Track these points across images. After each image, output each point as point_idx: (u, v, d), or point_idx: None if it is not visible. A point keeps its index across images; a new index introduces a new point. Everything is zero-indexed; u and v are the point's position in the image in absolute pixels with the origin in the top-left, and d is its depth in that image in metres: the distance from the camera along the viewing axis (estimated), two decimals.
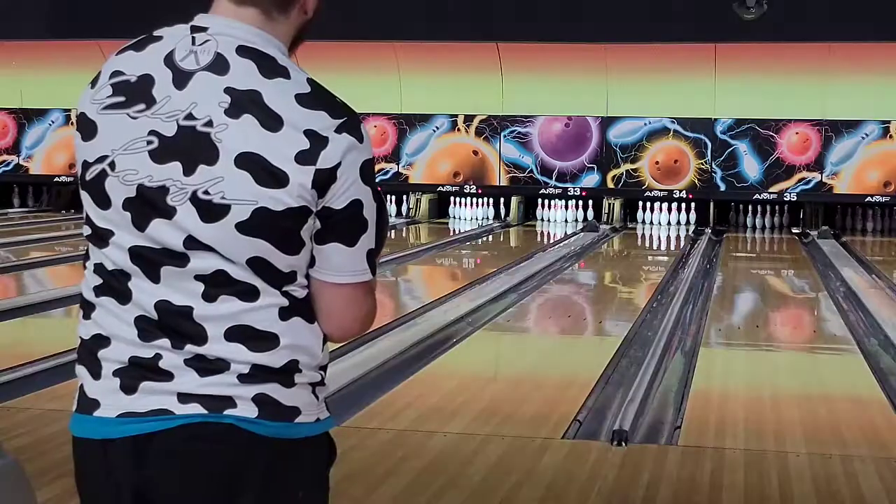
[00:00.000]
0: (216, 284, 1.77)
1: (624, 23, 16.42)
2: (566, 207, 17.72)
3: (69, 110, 18.87)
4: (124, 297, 1.80)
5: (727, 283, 11.27)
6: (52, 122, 18.99)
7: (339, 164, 1.76)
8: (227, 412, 1.77)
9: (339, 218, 1.79)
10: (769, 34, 16.03)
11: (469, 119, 17.62)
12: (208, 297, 1.77)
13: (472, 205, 17.77)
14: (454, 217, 17.71)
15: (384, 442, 4.71)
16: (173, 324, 1.78)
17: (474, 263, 13.46)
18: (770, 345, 7.98)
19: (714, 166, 17.17)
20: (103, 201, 1.80)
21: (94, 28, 17.84)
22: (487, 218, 17.66)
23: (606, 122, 17.42)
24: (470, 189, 17.59)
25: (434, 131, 17.76)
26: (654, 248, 16.07)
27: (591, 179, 17.52)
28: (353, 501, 4.01)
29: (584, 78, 17.24)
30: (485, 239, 15.77)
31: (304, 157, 1.74)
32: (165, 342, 1.79)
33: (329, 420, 1.90)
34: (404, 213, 17.64)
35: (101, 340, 1.83)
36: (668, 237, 16.56)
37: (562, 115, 17.41)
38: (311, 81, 1.84)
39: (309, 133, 1.75)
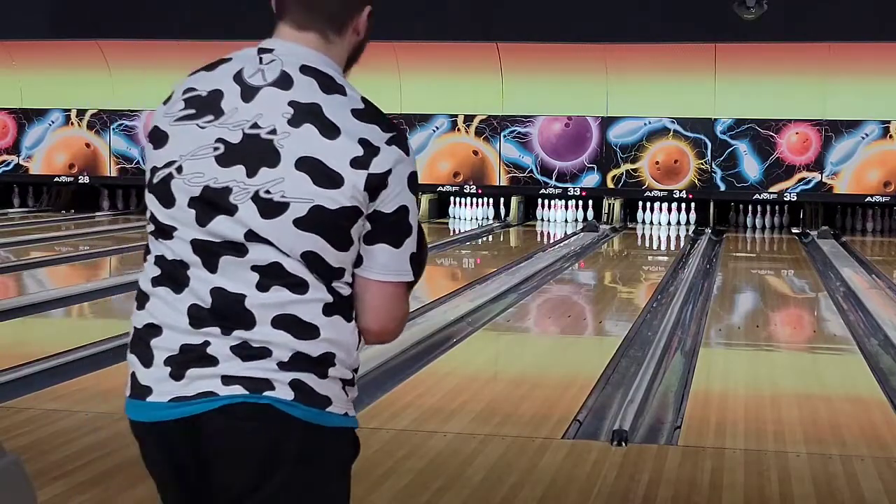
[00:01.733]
0: (270, 275, 1.95)
1: (624, 23, 16.42)
2: (566, 207, 17.72)
3: (69, 110, 18.87)
4: (181, 285, 1.98)
5: (727, 283, 11.27)
6: (52, 122, 18.98)
7: (389, 172, 1.97)
8: (266, 393, 1.95)
9: (388, 221, 1.99)
10: (769, 34, 16.03)
11: (469, 119, 17.62)
12: (261, 286, 1.95)
13: (472, 205, 17.77)
14: (454, 217, 17.72)
15: (384, 442, 4.71)
16: (225, 310, 1.95)
17: (474, 263, 13.46)
18: (770, 345, 7.98)
19: (714, 166, 17.18)
20: (168, 201, 1.99)
21: (94, 28, 17.86)
22: (487, 218, 17.67)
23: (606, 122, 17.42)
24: (470, 189, 17.59)
25: (434, 131, 17.76)
26: (654, 248, 16.07)
27: (591, 179, 17.52)
28: (353, 501, 4.01)
29: (584, 78, 17.24)
30: (485, 239, 15.77)
31: (357, 163, 1.95)
32: (215, 329, 1.96)
33: (354, 420, 2.09)
34: None
35: (153, 329, 2.01)
36: (668, 237, 16.56)
37: (562, 115, 17.41)
38: (364, 99, 2.07)
39: (363, 142, 1.97)
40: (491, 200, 17.81)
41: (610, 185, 17.50)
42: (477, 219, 17.60)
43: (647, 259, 14.96)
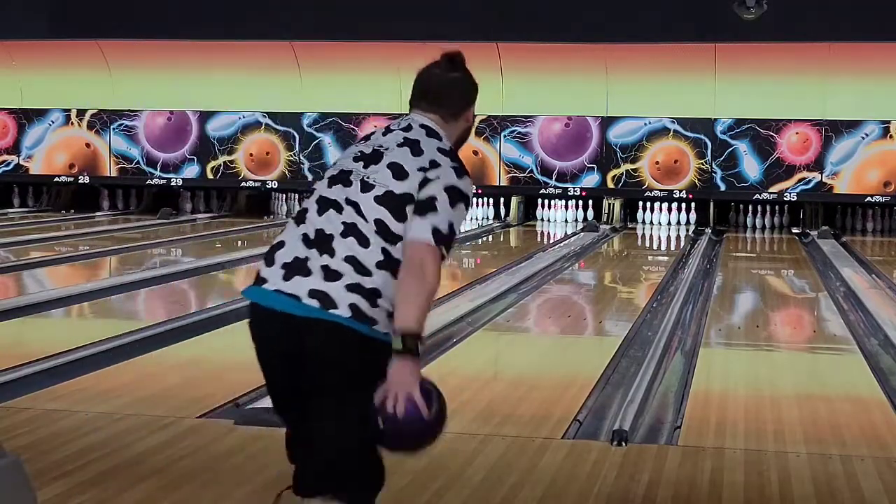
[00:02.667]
0: (349, 228, 2.97)
1: (624, 23, 16.42)
2: (566, 207, 17.72)
3: (69, 110, 18.87)
4: (301, 222, 3.03)
5: (727, 283, 11.27)
6: (52, 122, 18.98)
7: (437, 178, 3.01)
8: (331, 311, 2.89)
9: (421, 200, 2.98)
10: (769, 34, 16.03)
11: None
12: (343, 234, 2.96)
13: (472, 205, 17.75)
14: None
15: None
16: (320, 242, 2.96)
17: (474, 263, 13.45)
18: (770, 345, 7.98)
19: (714, 166, 17.17)
20: (320, 178, 3.17)
21: (94, 28, 17.85)
22: (487, 218, 17.67)
23: (606, 122, 17.42)
24: None
25: None
26: (654, 248, 16.06)
27: (591, 179, 17.52)
28: None
29: (584, 78, 17.24)
30: (485, 239, 15.77)
31: (421, 169, 3.02)
32: (315, 252, 2.96)
33: (390, 337, 2.91)
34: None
35: (280, 245, 3.03)
36: (668, 237, 16.56)
37: (562, 116, 17.41)
38: (453, 149, 3.14)
39: (432, 161, 3.05)
40: (491, 200, 17.81)
41: (610, 185, 17.50)
42: (477, 219, 17.60)
43: (647, 259, 14.96)
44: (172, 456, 4.56)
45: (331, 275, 2.91)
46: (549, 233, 16.68)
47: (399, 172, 3.01)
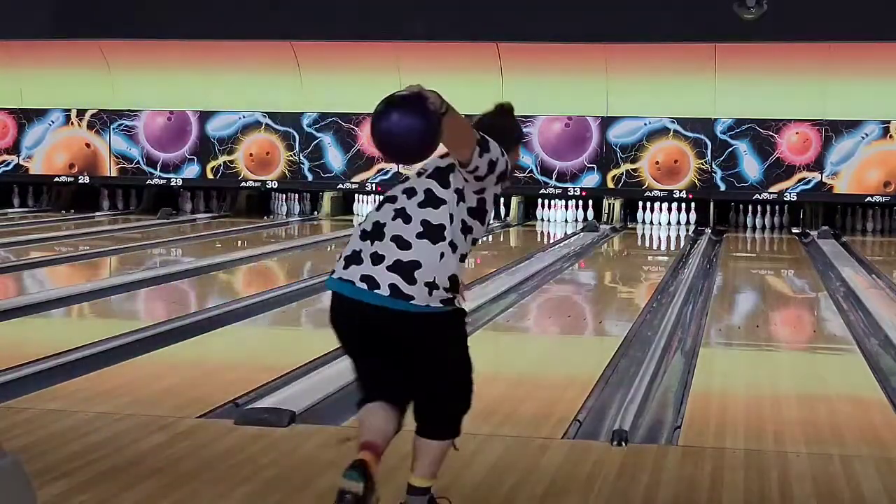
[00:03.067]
0: (398, 214, 3.54)
1: (624, 23, 16.42)
2: (566, 207, 17.73)
3: (69, 110, 18.88)
4: (365, 222, 3.58)
5: (727, 283, 11.27)
6: (52, 122, 18.98)
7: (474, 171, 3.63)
8: (396, 298, 3.43)
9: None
10: (769, 34, 16.03)
11: (469, 119, 17.59)
12: (402, 231, 3.51)
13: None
14: None
15: None
16: (381, 238, 3.50)
17: (474, 263, 13.46)
18: (770, 345, 7.98)
19: (714, 166, 17.18)
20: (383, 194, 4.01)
21: (94, 28, 17.85)
22: None
23: (606, 122, 17.42)
24: None
25: None
26: (654, 248, 16.07)
27: (591, 179, 17.52)
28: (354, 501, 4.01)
29: (584, 78, 17.24)
30: (485, 239, 15.77)
31: (464, 178, 3.60)
32: (374, 248, 3.49)
33: (462, 308, 3.62)
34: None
35: (347, 245, 3.57)
36: (668, 237, 16.56)
37: (562, 116, 17.41)
38: None
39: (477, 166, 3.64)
40: None
41: (610, 185, 17.50)
42: None
43: (647, 259, 14.97)
44: (172, 456, 4.56)
45: (393, 268, 3.47)
46: (549, 233, 16.68)
47: (445, 182, 3.58)
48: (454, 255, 3.52)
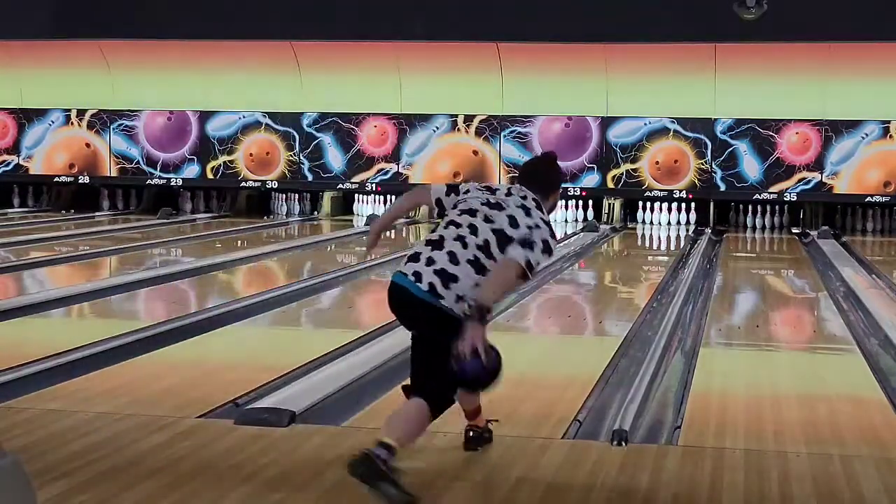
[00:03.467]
0: (459, 238, 4.33)
1: (624, 23, 16.42)
2: (566, 207, 17.72)
3: (69, 110, 18.88)
4: (433, 231, 4.43)
5: (727, 283, 11.27)
6: (52, 122, 18.99)
7: (538, 234, 4.33)
8: (433, 298, 4.22)
9: (524, 241, 4.32)
10: (769, 34, 16.03)
11: (469, 119, 17.63)
12: (454, 240, 4.32)
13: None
14: None
15: None
16: (435, 244, 4.34)
17: None
18: (770, 345, 7.98)
19: (714, 166, 17.18)
20: (454, 208, 4.48)
21: (94, 28, 17.85)
22: None
23: (606, 122, 17.42)
24: None
25: (434, 131, 17.77)
26: (654, 248, 16.07)
27: (591, 179, 17.52)
28: (354, 501, 4.02)
29: (584, 78, 17.24)
30: None
31: (528, 227, 4.33)
32: (428, 248, 4.33)
33: (454, 311, 4.27)
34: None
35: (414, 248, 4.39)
36: (668, 237, 16.56)
37: (562, 116, 17.41)
38: (548, 221, 4.46)
39: (536, 224, 4.36)
40: None
41: (610, 185, 17.51)
42: None
43: (647, 259, 14.97)
44: (172, 456, 4.56)
45: (437, 272, 4.24)
46: None
47: (513, 223, 4.33)
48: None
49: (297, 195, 18.78)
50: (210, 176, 18.56)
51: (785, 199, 17.09)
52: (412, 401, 4.28)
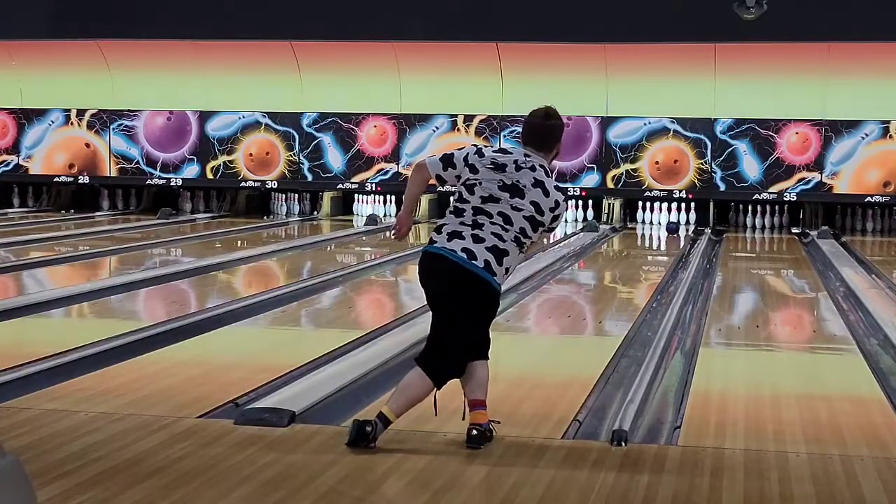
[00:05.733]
0: (496, 225, 4.73)
1: (624, 23, 16.42)
2: (566, 207, 17.70)
3: (69, 110, 18.88)
4: (460, 216, 4.76)
5: (727, 283, 11.27)
6: (52, 122, 18.99)
7: (554, 209, 4.84)
8: (471, 262, 4.64)
9: (552, 225, 4.91)
10: (769, 34, 16.03)
11: (469, 119, 17.63)
12: (491, 223, 4.73)
13: None
14: None
15: (384, 442, 4.71)
16: (474, 226, 4.72)
17: None
18: (770, 345, 7.98)
19: (714, 166, 17.18)
20: (470, 193, 4.78)
21: (94, 28, 17.86)
22: None
23: (606, 122, 17.42)
24: None
25: (434, 131, 17.77)
26: (654, 248, 16.07)
27: (591, 179, 17.53)
28: (353, 501, 4.02)
29: (584, 78, 17.24)
30: None
31: (551, 209, 4.81)
32: (468, 229, 4.71)
33: (500, 286, 4.77)
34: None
35: (443, 226, 4.76)
36: (668, 237, 16.56)
37: (562, 116, 17.37)
38: (559, 187, 4.92)
39: (556, 201, 4.83)
40: None
41: (610, 185, 17.51)
42: None
43: (647, 259, 14.97)
44: (172, 456, 4.56)
45: (478, 241, 4.65)
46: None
47: (538, 210, 4.76)
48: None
49: (296, 195, 18.78)
50: (210, 176, 18.57)
51: (785, 199, 17.09)
52: (416, 371, 4.72)
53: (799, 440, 5.11)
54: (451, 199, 4.88)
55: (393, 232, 5.05)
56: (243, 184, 18.46)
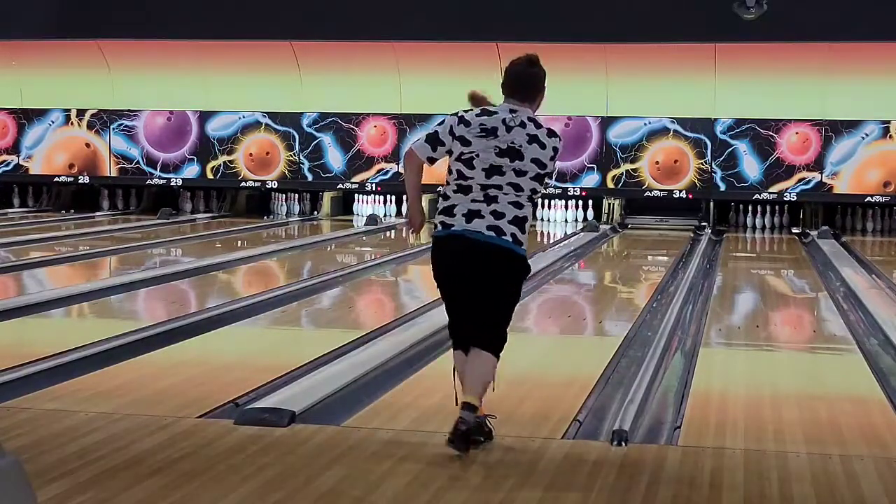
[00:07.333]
0: (509, 198, 4.71)
1: (624, 23, 16.42)
2: (566, 207, 17.73)
3: (69, 110, 18.88)
4: (467, 194, 4.71)
5: (727, 283, 11.27)
6: (52, 122, 18.99)
7: (553, 156, 4.79)
8: (499, 237, 4.66)
9: (552, 171, 4.90)
10: (769, 34, 16.03)
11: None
12: (505, 196, 4.71)
13: None
14: None
15: (384, 442, 4.71)
16: (489, 200, 4.69)
17: None
18: (770, 345, 7.98)
19: (714, 166, 17.18)
20: (470, 168, 4.70)
21: (94, 28, 17.86)
22: None
23: (606, 122, 17.42)
24: None
25: None
26: (654, 248, 16.06)
27: (591, 179, 17.53)
28: (353, 501, 4.02)
29: (584, 78, 17.24)
30: None
31: (551, 158, 4.77)
32: (484, 205, 4.68)
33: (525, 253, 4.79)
34: (404, 214, 17.63)
35: (454, 206, 4.71)
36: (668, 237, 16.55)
37: (562, 116, 17.41)
38: (547, 127, 4.81)
39: (554, 148, 4.78)
40: None
41: (610, 185, 17.51)
42: None
43: (647, 259, 14.97)
44: (172, 456, 4.56)
45: (497, 215, 4.64)
46: (549, 233, 16.68)
47: (540, 165, 4.71)
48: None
49: (296, 195, 18.78)
50: (210, 176, 18.56)
51: (785, 199, 17.09)
52: (476, 353, 4.70)
53: (799, 440, 5.11)
54: (449, 176, 4.75)
55: (409, 230, 4.96)
56: (243, 184, 18.46)
